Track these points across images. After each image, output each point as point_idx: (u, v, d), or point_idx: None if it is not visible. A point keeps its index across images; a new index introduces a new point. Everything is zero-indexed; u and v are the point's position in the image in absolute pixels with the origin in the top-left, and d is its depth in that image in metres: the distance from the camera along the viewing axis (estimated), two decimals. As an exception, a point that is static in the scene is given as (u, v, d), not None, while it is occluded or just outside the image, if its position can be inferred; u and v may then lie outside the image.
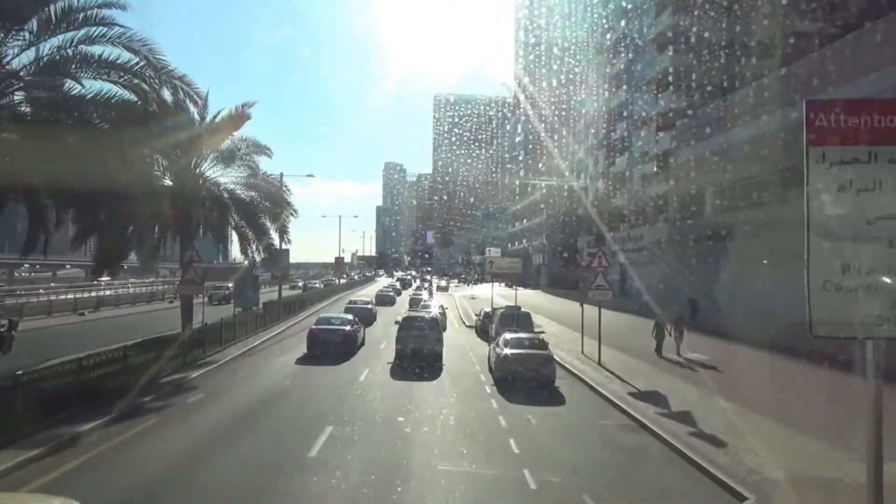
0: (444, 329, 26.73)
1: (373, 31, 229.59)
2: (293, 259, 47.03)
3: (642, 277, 36.75)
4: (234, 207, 23.94)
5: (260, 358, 21.87)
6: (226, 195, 23.70)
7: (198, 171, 23.75)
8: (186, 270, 22.05)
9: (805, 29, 31.14)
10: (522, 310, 26.53)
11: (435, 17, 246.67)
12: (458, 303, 53.54)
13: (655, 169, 47.67)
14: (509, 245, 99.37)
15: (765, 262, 25.87)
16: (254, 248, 25.49)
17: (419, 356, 20.13)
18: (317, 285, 69.58)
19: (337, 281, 73.38)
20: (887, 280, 4.27)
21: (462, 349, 25.61)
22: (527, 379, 17.11)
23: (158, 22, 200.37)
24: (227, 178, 24.28)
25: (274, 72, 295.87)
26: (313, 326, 23.34)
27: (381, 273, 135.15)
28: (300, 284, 69.32)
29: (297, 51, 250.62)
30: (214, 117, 23.82)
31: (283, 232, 25.34)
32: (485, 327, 29.50)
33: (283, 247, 30.09)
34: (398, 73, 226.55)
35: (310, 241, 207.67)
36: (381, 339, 26.99)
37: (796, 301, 4.67)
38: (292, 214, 26.39)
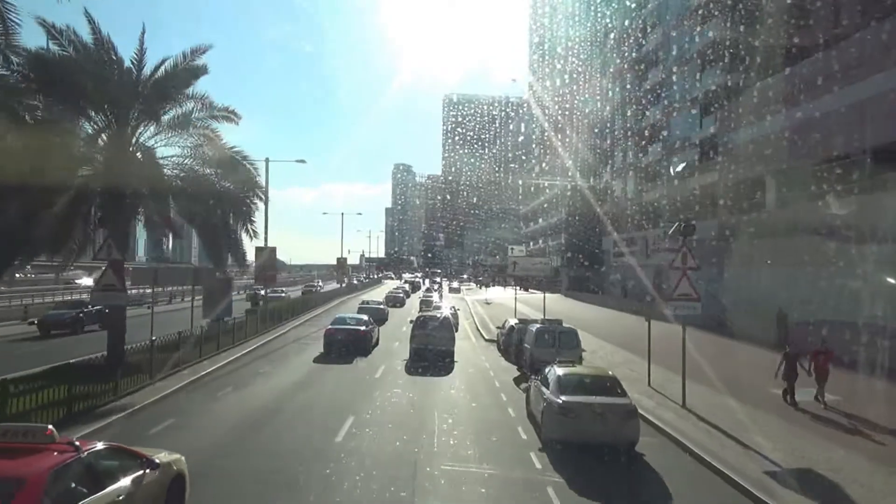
0: (457, 329, 27.63)
1: (383, 34, 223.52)
2: (300, 261, 40.69)
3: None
4: (180, 189, 17.86)
5: (206, 393, 15.71)
6: (167, 172, 17.62)
7: (133, 140, 17.78)
8: (105, 273, 16.09)
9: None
10: (565, 325, 20.06)
11: (442, 15, 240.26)
12: (471, 308, 47.24)
13: (700, 157, 41.30)
14: (522, 246, 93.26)
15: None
16: (216, 243, 19.70)
17: (427, 355, 20.77)
18: (283, 294, 48.80)
19: (338, 284, 66.64)
20: None
21: (485, 378, 19.33)
22: (595, 442, 10.97)
23: (162, 24, 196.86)
24: (175, 149, 18.29)
25: (283, 76, 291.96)
26: (329, 326, 23.44)
27: (390, 276, 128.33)
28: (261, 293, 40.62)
29: (304, 51, 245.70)
30: (156, 69, 18.02)
31: (247, 223, 19.16)
32: (509, 345, 23.19)
33: (253, 242, 23.98)
34: (408, 74, 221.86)
35: (318, 243, 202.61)
36: (380, 364, 20.90)
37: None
38: (260, 199, 20.20)
